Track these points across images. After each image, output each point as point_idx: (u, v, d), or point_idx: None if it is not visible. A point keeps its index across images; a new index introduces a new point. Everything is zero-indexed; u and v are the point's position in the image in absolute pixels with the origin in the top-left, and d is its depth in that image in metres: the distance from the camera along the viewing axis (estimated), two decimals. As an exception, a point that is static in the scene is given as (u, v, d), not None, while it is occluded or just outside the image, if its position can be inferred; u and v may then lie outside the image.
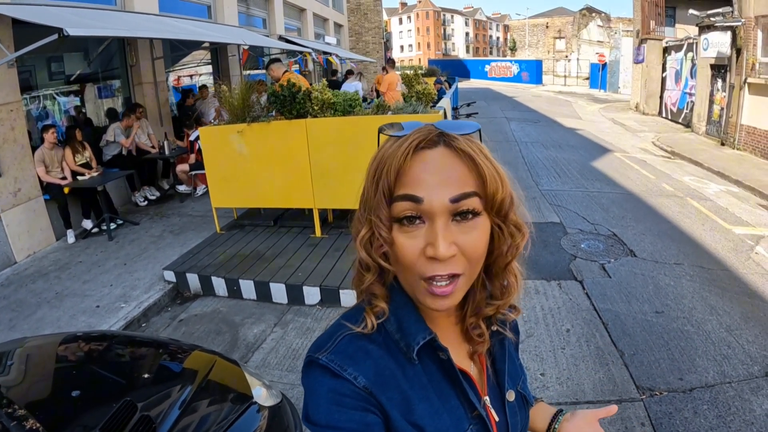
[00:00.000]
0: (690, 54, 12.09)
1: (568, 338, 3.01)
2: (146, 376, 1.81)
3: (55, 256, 4.53)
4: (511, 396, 0.64)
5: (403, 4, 62.73)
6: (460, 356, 0.61)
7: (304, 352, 2.93)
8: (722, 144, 9.54)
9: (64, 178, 4.91)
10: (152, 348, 2.03)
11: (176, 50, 7.52)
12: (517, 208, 0.56)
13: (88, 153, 5.27)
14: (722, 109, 9.93)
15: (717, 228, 5.00)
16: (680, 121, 12.59)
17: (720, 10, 9.35)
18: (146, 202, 6.09)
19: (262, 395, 1.73)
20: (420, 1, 59.57)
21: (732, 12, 9.09)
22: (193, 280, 3.81)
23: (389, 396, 0.53)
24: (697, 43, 10.92)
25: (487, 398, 0.61)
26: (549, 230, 4.90)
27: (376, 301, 0.57)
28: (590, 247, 4.49)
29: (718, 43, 9.46)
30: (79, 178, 5.00)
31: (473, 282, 0.59)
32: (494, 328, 0.63)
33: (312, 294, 3.54)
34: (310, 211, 4.47)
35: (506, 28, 62.37)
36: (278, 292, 3.61)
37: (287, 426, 1.74)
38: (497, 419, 0.61)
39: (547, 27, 48.16)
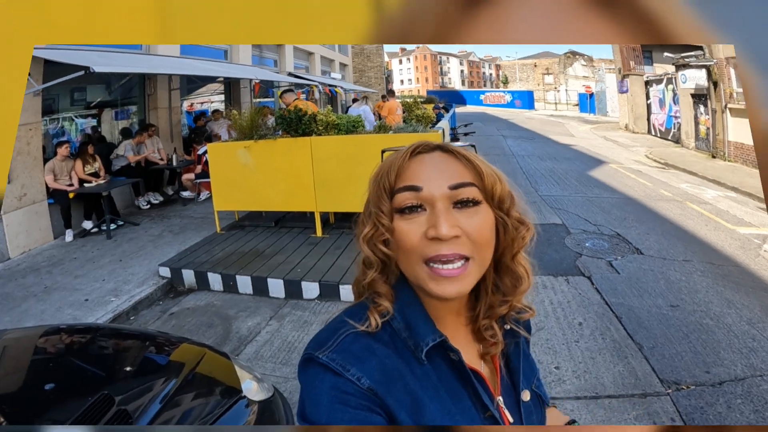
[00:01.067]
0: (670, 86, 12.22)
1: (582, 331, 2.72)
2: (128, 368, 1.62)
3: (50, 253, 4.25)
4: (526, 396, 0.59)
5: (403, 49, 65.07)
6: (470, 356, 0.56)
7: (299, 345, 2.60)
8: (713, 157, 9.36)
9: (72, 185, 4.74)
10: (138, 340, 1.82)
11: (192, 83, 7.65)
12: (518, 205, 0.55)
13: (97, 164, 5.09)
14: (708, 128, 9.91)
15: (721, 228, 4.72)
16: (669, 138, 12.46)
17: (692, 53, 9.78)
18: (149, 206, 5.82)
19: (252, 389, 1.54)
20: (418, 47, 61.67)
21: (703, 54, 9.48)
22: (188, 275, 3.51)
23: (396, 397, 0.48)
24: (675, 77, 11.23)
25: (500, 398, 0.56)
26: (552, 230, 4.61)
27: (380, 299, 0.53)
28: (595, 245, 4.20)
29: (695, 77, 9.81)
30: (86, 185, 4.81)
31: (486, 285, 0.56)
32: (508, 326, 0.58)
33: (311, 289, 3.24)
34: (312, 213, 4.24)
35: (498, 66, 63.97)
36: (276, 287, 3.31)
37: (278, 421, 1.55)
38: (511, 420, 0.56)
39: (535, 66, 49.25)
